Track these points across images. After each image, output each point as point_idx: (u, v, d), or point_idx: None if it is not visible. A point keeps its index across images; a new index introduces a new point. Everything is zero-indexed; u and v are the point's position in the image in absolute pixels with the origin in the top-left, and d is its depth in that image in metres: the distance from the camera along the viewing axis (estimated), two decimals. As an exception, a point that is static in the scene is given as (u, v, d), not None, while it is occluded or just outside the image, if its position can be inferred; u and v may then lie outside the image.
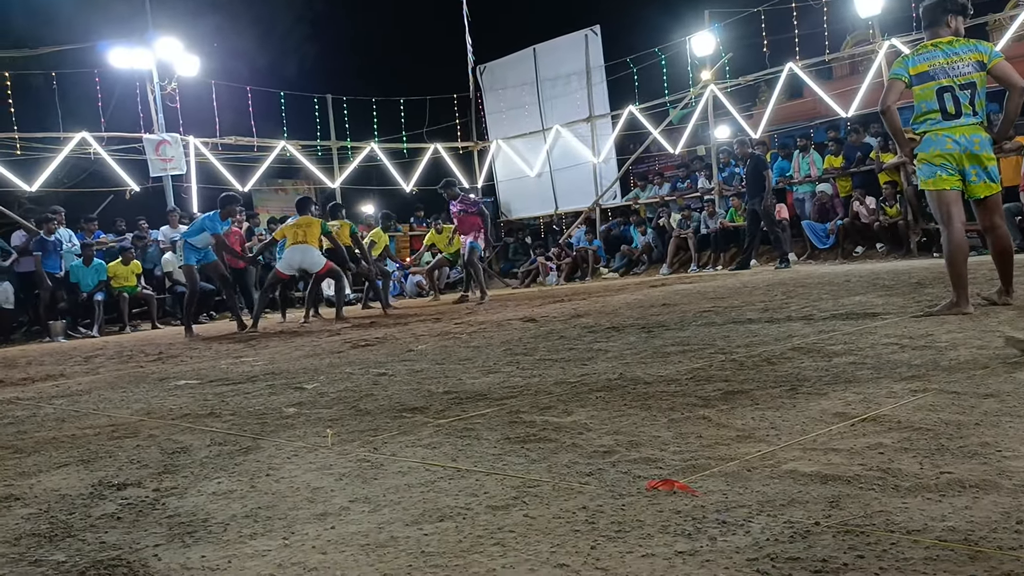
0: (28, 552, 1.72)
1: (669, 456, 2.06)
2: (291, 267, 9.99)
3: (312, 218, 10.17)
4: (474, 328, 6.75)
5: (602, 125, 17.96)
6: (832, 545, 1.38)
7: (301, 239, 9.87)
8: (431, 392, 3.49)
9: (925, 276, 7.20)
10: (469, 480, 2.00)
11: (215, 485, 2.17)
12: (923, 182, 4.62)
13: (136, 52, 15.36)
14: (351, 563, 1.50)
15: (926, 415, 2.22)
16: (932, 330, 3.91)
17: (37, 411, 4.04)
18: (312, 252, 9.92)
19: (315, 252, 9.95)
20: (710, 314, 5.87)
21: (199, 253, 9.92)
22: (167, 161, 15.04)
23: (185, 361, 6.27)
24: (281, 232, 10.33)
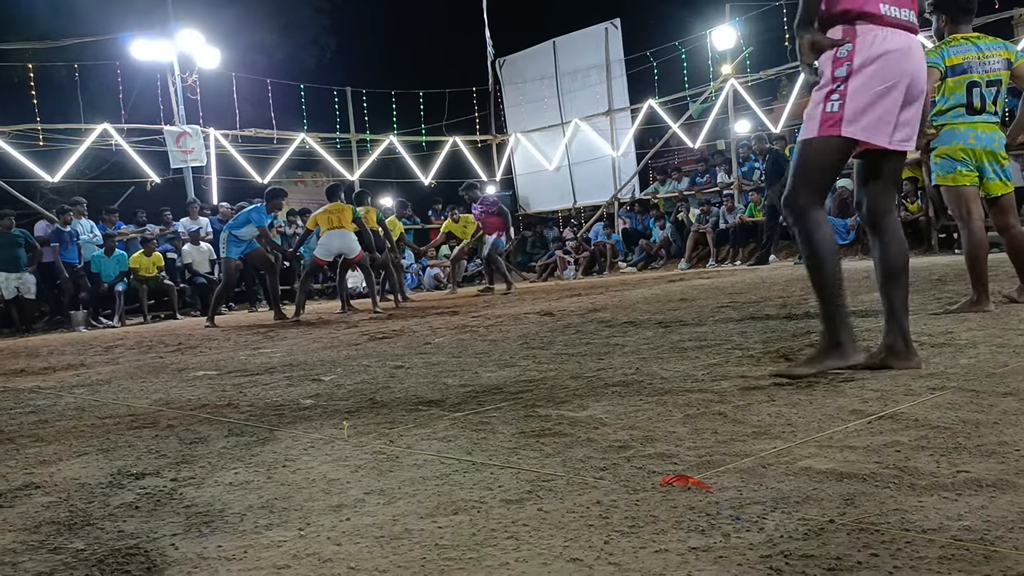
0: (48, 540, 1.75)
1: (684, 452, 2.05)
2: (329, 252, 10.05)
3: (343, 204, 10.23)
4: (491, 322, 6.76)
5: (621, 119, 17.92)
6: (846, 543, 1.38)
7: (336, 224, 9.95)
8: (447, 385, 3.50)
9: (946, 273, 7.15)
10: (484, 473, 2.01)
11: (232, 475, 2.19)
12: (940, 177, 4.57)
13: (157, 44, 15.48)
14: (365, 555, 1.51)
15: (944, 413, 2.21)
16: (952, 327, 3.88)
17: (58, 400, 4.08)
18: (349, 236, 10.00)
19: (352, 237, 10.03)
20: (728, 309, 5.85)
21: (243, 245, 10.00)
22: (188, 153, 15.15)
23: (204, 352, 6.31)
24: (313, 220, 10.36)
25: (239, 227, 9.95)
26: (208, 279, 13.71)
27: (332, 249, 10.00)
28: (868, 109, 2.75)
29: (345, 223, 9.99)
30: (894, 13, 2.77)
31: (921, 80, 2.84)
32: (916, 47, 2.85)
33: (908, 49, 2.79)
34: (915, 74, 2.81)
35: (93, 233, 13.24)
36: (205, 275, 13.76)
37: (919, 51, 2.87)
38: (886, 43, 2.75)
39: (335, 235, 9.93)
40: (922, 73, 2.85)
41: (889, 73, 2.74)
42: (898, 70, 2.75)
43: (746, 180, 15.60)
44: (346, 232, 9.97)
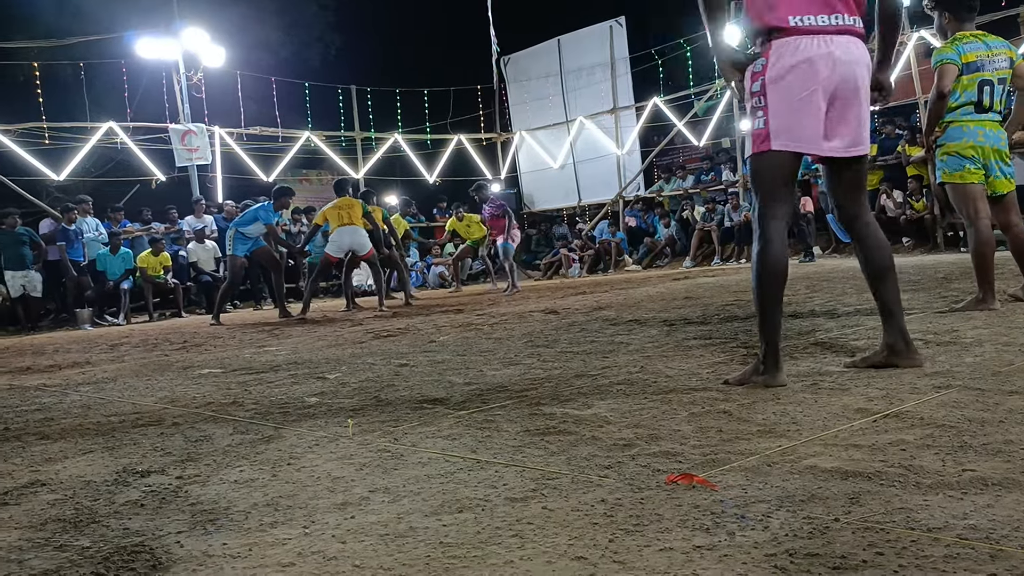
0: (53, 537, 1.75)
1: (689, 450, 2.05)
2: (341, 249, 10.00)
3: (352, 199, 10.20)
4: (496, 320, 6.76)
5: (626, 117, 17.90)
6: (851, 542, 1.37)
7: (347, 221, 9.91)
8: (452, 383, 3.51)
9: (951, 271, 7.13)
10: (488, 472, 2.01)
11: (237, 473, 2.19)
12: (947, 175, 4.55)
13: (162, 42, 15.49)
14: (370, 552, 1.51)
15: (949, 412, 2.21)
16: (957, 326, 3.87)
17: (63, 398, 4.09)
18: (360, 233, 9.95)
19: (363, 233, 9.98)
20: (732, 308, 5.84)
21: (249, 243, 10.00)
22: (193, 151, 15.16)
23: (209, 350, 6.33)
24: (322, 216, 10.30)
25: (246, 224, 9.95)
26: (213, 277, 13.72)
27: (343, 245, 9.94)
28: (791, 120, 2.75)
29: (355, 219, 9.95)
30: (810, 22, 2.73)
31: (851, 82, 2.76)
32: (841, 51, 2.74)
33: (827, 55, 2.72)
34: (841, 78, 2.74)
35: (99, 231, 13.26)
36: (210, 273, 13.78)
37: (848, 53, 2.75)
38: (799, 53, 2.73)
39: (346, 231, 9.88)
40: (852, 75, 2.76)
41: (805, 82, 2.72)
42: (815, 77, 2.72)
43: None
44: (357, 228, 9.93)
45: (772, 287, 2.84)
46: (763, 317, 2.86)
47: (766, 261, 2.83)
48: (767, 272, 2.83)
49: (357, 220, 9.97)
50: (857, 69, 2.78)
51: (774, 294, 2.85)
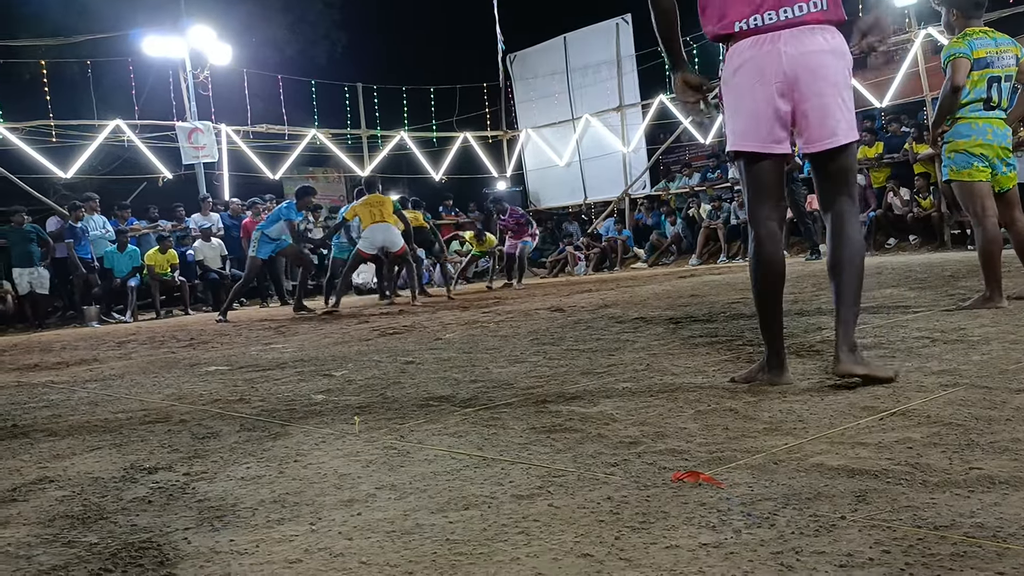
0: (61, 533, 1.76)
1: (695, 448, 2.05)
2: (373, 246, 10.06)
3: (383, 196, 10.27)
4: (501, 317, 6.76)
5: (632, 115, 17.88)
6: (858, 540, 1.37)
7: (379, 218, 9.97)
8: (458, 381, 3.51)
9: (958, 269, 7.11)
10: (495, 469, 2.01)
11: (244, 470, 2.20)
12: (954, 172, 4.53)
13: (169, 40, 15.51)
14: (377, 549, 1.51)
15: (956, 410, 2.20)
16: (964, 324, 3.86)
17: (71, 395, 4.11)
18: (392, 231, 10.02)
19: (395, 231, 10.04)
20: (738, 305, 5.84)
21: (272, 245, 10.06)
22: (199, 149, 15.18)
23: (216, 347, 6.34)
24: (352, 212, 10.36)
25: (270, 226, 10.00)
26: (220, 275, 13.75)
27: (376, 243, 10.01)
28: (746, 122, 2.74)
29: (387, 216, 10.02)
30: (756, 23, 2.68)
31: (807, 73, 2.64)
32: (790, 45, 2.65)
33: (771, 52, 2.66)
34: (792, 71, 2.65)
35: (105, 229, 13.29)
36: (217, 271, 13.80)
37: (799, 45, 2.64)
38: (743, 54, 2.72)
39: (379, 229, 9.95)
40: (807, 65, 2.64)
41: (750, 82, 2.70)
42: (760, 76, 2.68)
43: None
44: (389, 226, 9.99)
45: (766, 286, 2.83)
46: (761, 317, 2.88)
47: (758, 261, 2.81)
48: (759, 272, 2.82)
49: (389, 217, 10.03)
50: (813, 58, 2.65)
51: (769, 293, 2.83)
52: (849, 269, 2.75)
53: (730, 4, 2.73)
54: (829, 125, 2.70)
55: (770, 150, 2.74)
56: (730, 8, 2.73)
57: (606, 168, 18.41)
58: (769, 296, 2.84)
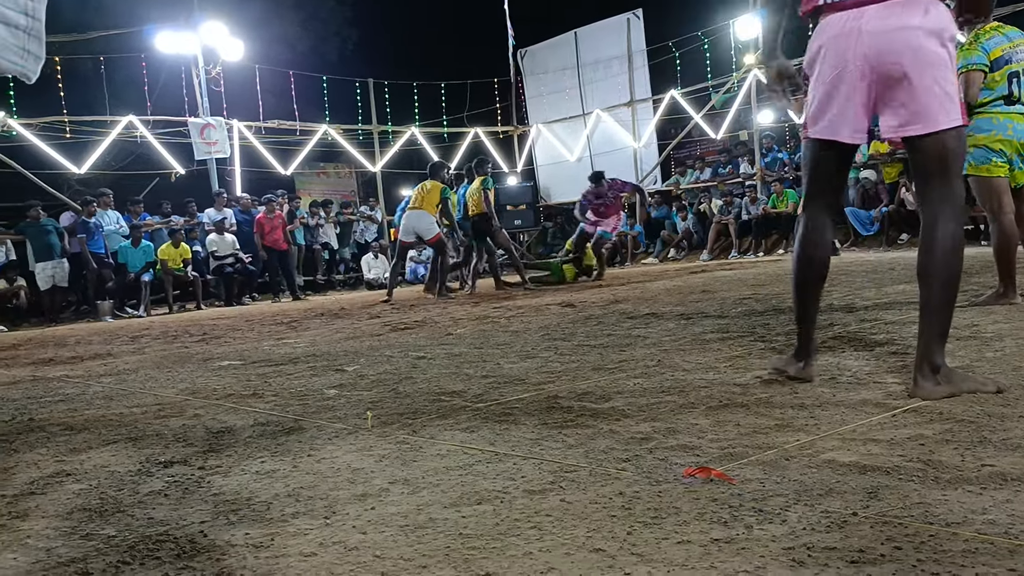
0: (79, 526, 1.78)
1: (706, 444, 2.06)
2: (406, 232, 10.21)
3: (436, 183, 10.27)
4: (512, 313, 6.77)
5: (643, 110, 17.84)
6: (870, 536, 1.38)
7: (416, 204, 10.07)
8: (469, 376, 3.52)
9: (971, 265, 7.07)
10: (507, 464, 2.02)
11: (258, 464, 2.22)
12: (973, 167, 4.50)
13: (182, 36, 15.56)
14: (390, 543, 1.53)
15: (968, 407, 2.20)
16: (978, 320, 3.85)
17: (86, 389, 4.14)
18: (426, 218, 10.03)
19: (427, 218, 10.04)
20: (750, 301, 5.83)
21: None
22: (211, 144, 15.23)
23: (228, 342, 6.37)
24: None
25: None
26: (233, 268, 13.81)
27: (408, 229, 10.14)
28: (824, 106, 2.60)
29: (426, 203, 10.04)
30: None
31: (891, 53, 2.43)
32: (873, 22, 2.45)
33: (853, 30, 2.47)
34: (875, 51, 2.45)
35: (119, 224, 13.36)
36: (230, 265, 13.86)
37: (882, 23, 2.44)
38: (825, 34, 2.57)
39: (412, 215, 10.10)
40: (890, 45, 2.43)
41: (830, 64, 2.55)
42: (841, 57, 2.51)
43: (769, 171, 15.51)
44: (423, 213, 10.02)
45: (804, 272, 2.76)
46: (797, 307, 2.82)
47: (802, 249, 2.75)
48: (802, 260, 2.76)
49: (427, 205, 10.04)
50: (902, 36, 2.41)
51: (805, 279, 2.76)
52: (937, 275, 2.49)
53: None
54: (919, 109, 2.45)
55: (848, 140, 2.59)
56: None
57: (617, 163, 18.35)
58: (807, 286, 2.77)
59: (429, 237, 10.11)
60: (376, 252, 16.07)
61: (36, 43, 1.42)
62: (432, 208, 10.09)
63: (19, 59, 1.45)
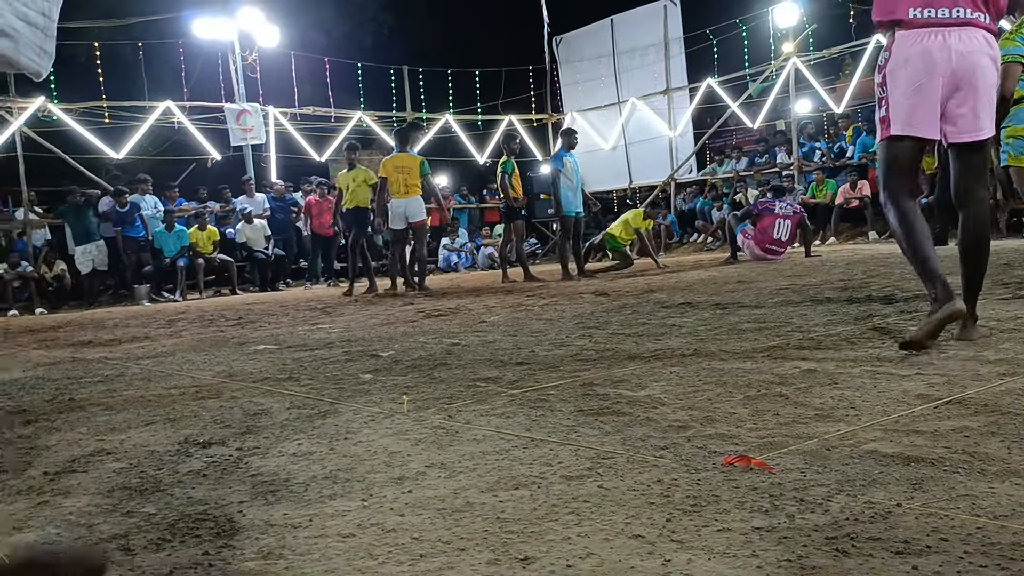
0: (120, 504, 1.80)
1: (745, 433, 2.04)
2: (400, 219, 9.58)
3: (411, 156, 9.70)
4: (545, 301, 6.76)
5: (679, 98, 17.70)
6: (915, 527, 1.36)
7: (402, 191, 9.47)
8: (504, 363, 3.52)
9: (1014, 257, 6.96)
10: (543, 450, 2.02)
11: (295, 446, 2.23)
12: (1013, 158, 4.42)
13: (218, 22, 15.68)
14: (428, 526, 1.53)
15: (1015, 399, 2.16)
16: (1021, 313, 3.78)
17: (125, 371, 4.19)
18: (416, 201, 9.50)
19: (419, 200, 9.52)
20: (787, 292, 5.77)
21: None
22: (247, 131, 15.35)
23: (263, 327, 6.42)
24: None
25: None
26: (265, 254, 13.93)
27: (401, 215, 9.53)
28: (907, 107, 3.00)
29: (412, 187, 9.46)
30: (929, 15, 2.94)
31: (969, 71, 2.92)
32: (960, 42, 2.92)
33: (942, 46, 2.92)
34: (959, 67, 2.92)
35: (157, 209, 13.52)
36: (262, 250, 13.98)
37: (967, 44, 2.92)
38: (914, 46, 2.96)
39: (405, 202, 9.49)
40: (970, 65, 2.92)
41: (919, 72, 2.95)
42: (930, 67, 2.93)
43: (806, 161, 15.34)
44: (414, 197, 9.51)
45: (917, 242, 3.09)
46: (921, 267, 3.11)
47: (906, 224, 3.09)
48: (909, 233, 3.09)
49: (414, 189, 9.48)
50: (976, 59, 2.93)
51: (923, 247, 3.08)
52: (981, 251, 3.18)
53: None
54: (980, 121, 3.01)
55: (930, 136, 3.04)
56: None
57: (652, 152, 18.26)
58: (922, 249, 3.08)
59: (418, 220, 9.56)
60: (411, 238, 16.11)
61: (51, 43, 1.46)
62: (418, 188, 9.51)
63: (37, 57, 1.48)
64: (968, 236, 3.16)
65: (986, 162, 3.15)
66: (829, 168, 14.79)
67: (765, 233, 10.59)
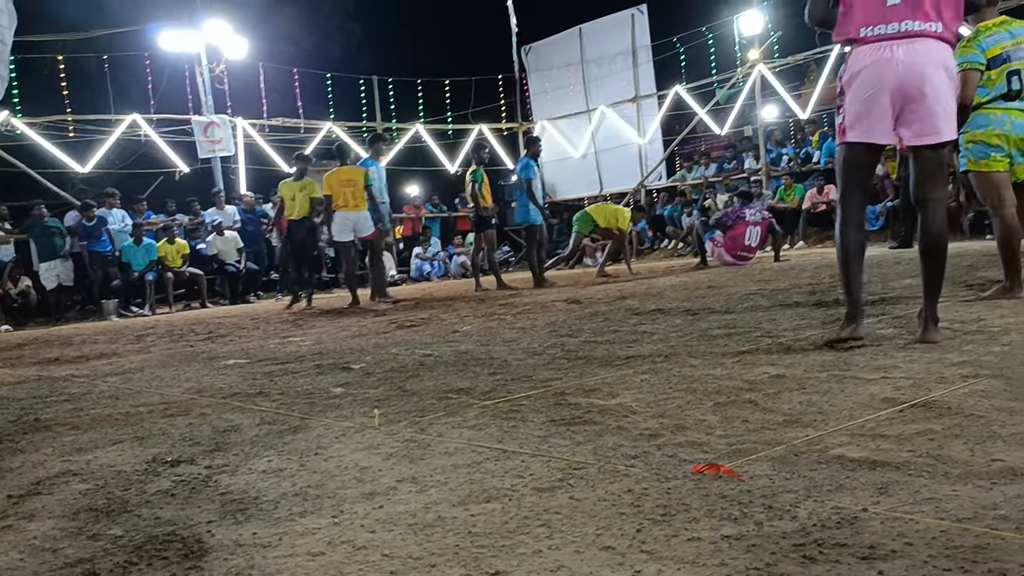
0: (86, 526, 1.78)
1: (715, 440, 2.05)
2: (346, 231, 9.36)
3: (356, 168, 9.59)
4: (518, 310, 6.76)
5: (648, 105, 17.82)
6: (880, 532, 1.37)
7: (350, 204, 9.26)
8: (476, 373, 3.52)
9: (977, 259, 7.06)
10: (515, 461, 2.02)
11: (265, 463, 2.21)
12: (972, 162, 4.48)
13: (185, 35, 15.60)
14: (399, 542, 1.52)
15: (978, 401, 2.19)
16: (984, 315, 3.84)
17: (92, 389, 4.14)
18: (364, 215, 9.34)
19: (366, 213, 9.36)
20: (756, 296, 5.82)
21: None
22: (215, 143, 15.26)
23: (234, 340, 6.37)
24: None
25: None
26: (236, 267, 13.82)
27: (347, 228, 9.32)
28: (860, 115, 3.22)
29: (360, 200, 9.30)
30: (879, 31, 3.16)
31: (917, 79, 3.10)
32: (907, 54, 3.11)
33: (890, 59, 3.13)
34: (906, 76, 3.12)
35: (125, 223, 13.38)
36: (233, 263, 13.87)
37: (913, 55, 3.11)
38: (865, 59, 3.19)
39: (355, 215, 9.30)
40: (918, 73, 3.10)
41: (869, 83, 3.17)
42: (878, 79, 3.15)
43: (773, 166, 15.48)
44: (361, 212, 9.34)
45: (847, 250, 3.34)
46: (843, 281, 3.39)
47: (842, 235, 3.34)
48: (842, 239, 3.34)
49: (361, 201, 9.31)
50: (924, 68, 3.11)
51: (849, 255, 3.33)
52: (939, 253, 3.30)
53: (859, 13, 3.20)
54: (934, 124, 3.16)
55: (880, 141, 3.24)
56: (858, 16, 3.20)
57: (622, 159, 18.37)
58: (851, 261, 3.34)
59: (368, 234, 9.41)
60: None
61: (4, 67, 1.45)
62: (365, 203, 9.34)
63: None
64: (926, 237, 3.29)
65: (943, 165, 3.28)
66: (796, 173, 14.95)
67: (736, 241, 10.71)
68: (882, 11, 3.16)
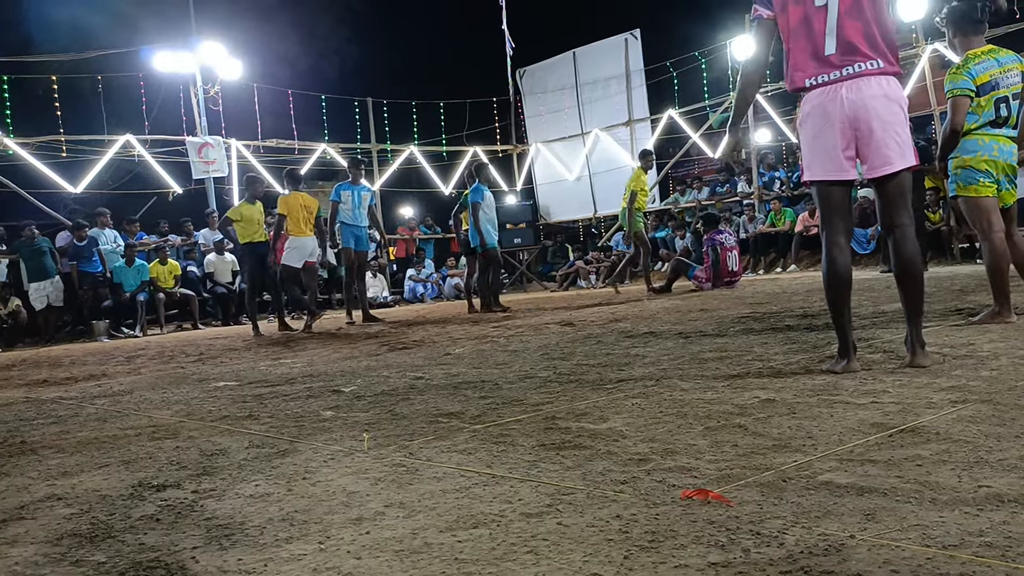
0: (69, 552, 1.76)
1: (704, 465, 2.05)
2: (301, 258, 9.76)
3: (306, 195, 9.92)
4: (511, 332, 6.76)
5: (641, 129, 17.90)
6: (867, 559, 1.37)
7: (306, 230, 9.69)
8: (467, 397, 3.51)
9: (967, 283, 7.08)
10: (504, 487, 2.01)
11: (252, 488, 2.20)
12: (961, 188, 4.52)
13: (180, 56, 15.63)
14: (385, 569, 1.51)
15: (966, 427, 2.19)
16: (974, 339, 3.85)
17: (80, 411, 4.12)
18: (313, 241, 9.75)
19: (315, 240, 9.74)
20: (748, 320, 5.82)
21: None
22: (209, 164, 15.27)
23: (225, 362, 6.35)
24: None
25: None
26: (228, 288, 13.79)
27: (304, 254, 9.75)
28: (815, 154, 3.33)
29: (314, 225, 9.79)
30: (822, 79, 3.27)
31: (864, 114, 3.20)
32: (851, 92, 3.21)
33: (834, 99, 3.24)
34: (853, 114, 3.21)
35: (116, 243, 13.36)
36: (226, 284, 13.84)
37: (858, 92, 3.21)
38: (811, 102, 3.33)
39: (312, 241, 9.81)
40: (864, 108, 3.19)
41: (818, 123, 3.29)
42: (825, 118, 3.26)
43: (766, 190, 15.55)
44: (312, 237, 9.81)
45: (833, 283, 3.34)
46: (833, 316, 3.38)
47: (828, 270, 3.35)
48: (829, 278, 3.35)
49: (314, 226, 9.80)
50: (868, 103, 3.20)
51: (838, 296, 3.33)
52: (914, 276, 3.32)
53: (803, 66, 3.33)
54: (887, 154, 3.23)
55: (837, 177, 3.30)
56: (804, 68, 3.33)
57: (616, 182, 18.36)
58: (839, 299, 3.33)
59: (314, 260, 9.99)
60: (375, 271, 16.06)
61: None
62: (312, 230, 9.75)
63: None
64: (900, 262, 3.34)
65: (905, 192, 3.34)
66: (787, 197, 15.01)
67: (724, 265, 10.87)
68: (821, 62, 3.27)
